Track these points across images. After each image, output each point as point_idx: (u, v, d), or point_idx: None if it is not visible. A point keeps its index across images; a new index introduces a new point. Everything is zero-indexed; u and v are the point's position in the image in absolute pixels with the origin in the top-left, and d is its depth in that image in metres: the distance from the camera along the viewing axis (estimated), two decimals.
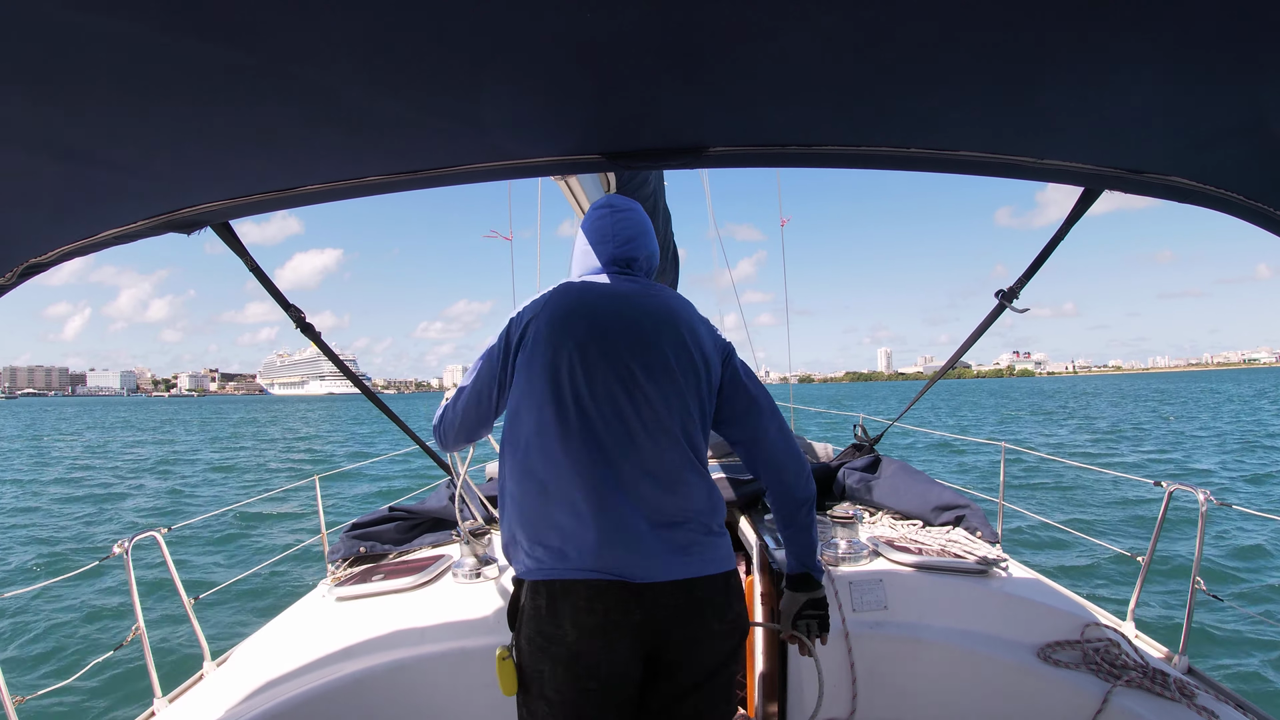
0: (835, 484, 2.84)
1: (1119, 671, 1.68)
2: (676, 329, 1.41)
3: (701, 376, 1.41)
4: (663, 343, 1.38)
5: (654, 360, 1.36)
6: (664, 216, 4.20)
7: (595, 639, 1.23)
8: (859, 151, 1.20)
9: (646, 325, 1.39)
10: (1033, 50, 0.80)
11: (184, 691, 1.94)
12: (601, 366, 1.33)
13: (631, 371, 1.33)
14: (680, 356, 1.39)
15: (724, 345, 1.51)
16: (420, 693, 1.81)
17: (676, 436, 1.34)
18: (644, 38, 0.79)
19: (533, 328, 1.39)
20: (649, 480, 1.30)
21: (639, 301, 1.43)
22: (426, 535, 2.56)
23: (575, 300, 1.41)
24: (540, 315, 1.40)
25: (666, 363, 1.36)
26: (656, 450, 1.32)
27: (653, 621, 1.26)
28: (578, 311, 1.39)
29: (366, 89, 0.89)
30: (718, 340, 1.50)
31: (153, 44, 0.72)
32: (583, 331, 1.35)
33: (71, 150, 0.96)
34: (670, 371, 1.36)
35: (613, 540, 1.25)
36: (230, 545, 9.06)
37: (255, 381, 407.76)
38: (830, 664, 1.86)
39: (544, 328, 1.37)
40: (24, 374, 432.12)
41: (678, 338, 1.40)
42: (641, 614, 1.25)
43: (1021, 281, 2.15)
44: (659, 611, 1.26)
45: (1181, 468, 14.63)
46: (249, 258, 1.88)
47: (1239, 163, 1.07)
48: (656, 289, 1.51)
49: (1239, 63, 0.79)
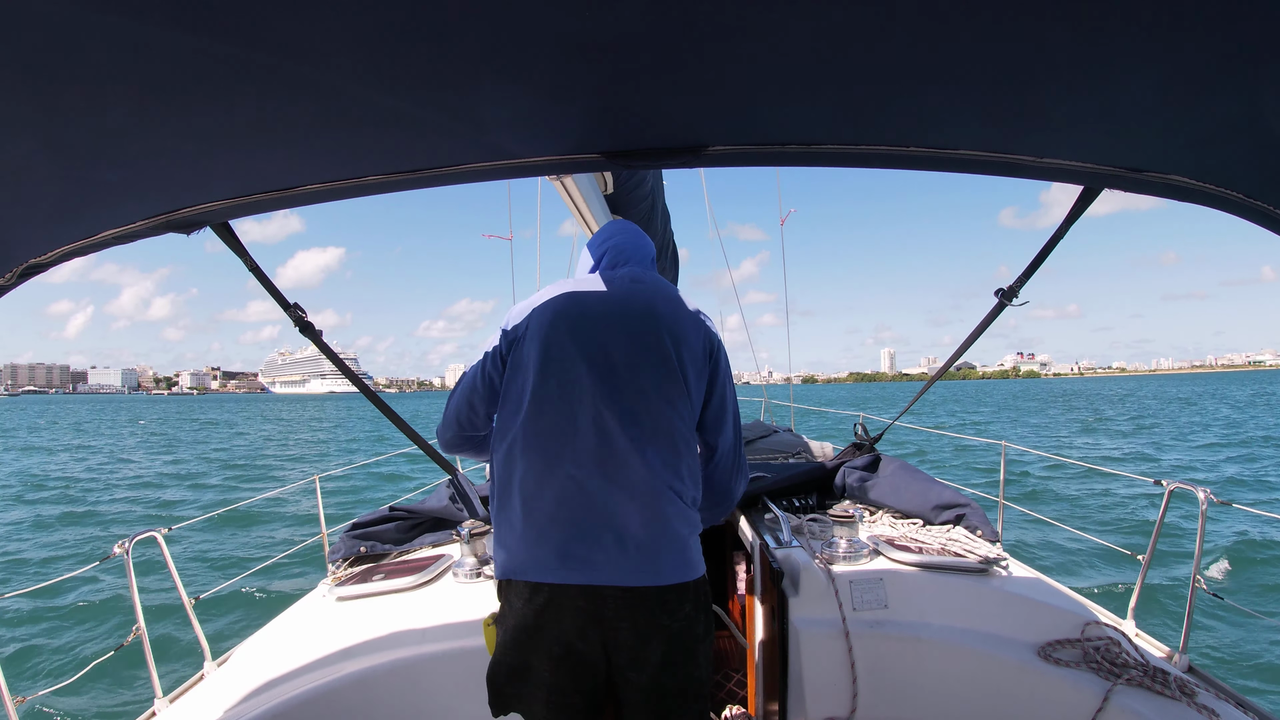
0: (835, 483, 2.84)
1: (1119, 670, 1.68)
2: (657, 328, 1.42)
3: (677, 374, 1.41)
4: (644, 342, 1.40)
5: (635, 360, 1.38)
6: (663, 216, 4.20)
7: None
8: (858, 150, 1.19)
9: (628, 326, 1.41)
10: (1032, 49, 0.80)
11: (184, 691, 1.94)
12: (581, 369, 1.36)
13: (612, 371, 1.36)
14: (660, 355, 1.40)
15: (712, 343, 1.50)
16: (421, 692, 1.81)
17: (657, 434, 1.35)
18: (643, 37, 0.79)
19: (523, 332, 1.44)
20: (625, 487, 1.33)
21: (624, 301, 1.45)
22: (427, 535, 2.56)
23: (561, 303, 1.44)
24: (528, 319, 1.44)
25: (648, 361, 1.38)
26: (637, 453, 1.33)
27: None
28: (562, 314, 1.42)
29: (366, 89, 0.89)
30: (707, 337, 1.49)
31: (152, 43, 0.72)
32: (565, 335, 1.39)
33: (71, 150, 0.96)
34: (648, 370, 1.38)
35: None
36: (231, 545, 9.07)
37: (257, 380, 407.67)
38: (830, 663, 1.86)
39: (531, 333, 1.42)
40: (25, 371, 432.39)
41: (656, 338, 1.41)
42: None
43: (1021, 280, 2.15)
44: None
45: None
46: (249, 258, 1.88)
47: (1238, 161, 1.07)
48: (647, 283, 1.51)
49: (1238, 61, 0.79)
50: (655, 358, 1.39)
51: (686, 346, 1.43)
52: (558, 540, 1.28)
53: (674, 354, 1.40)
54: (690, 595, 1.33)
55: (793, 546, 2.10)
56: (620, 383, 1.35)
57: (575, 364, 1.36)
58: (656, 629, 1.28)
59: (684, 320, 1.47)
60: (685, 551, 1.33)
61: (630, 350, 1.38)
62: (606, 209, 3.20)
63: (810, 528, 2.35)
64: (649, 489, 1.31)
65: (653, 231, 4.20)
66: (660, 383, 1.38)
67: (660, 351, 1.39)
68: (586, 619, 1.27)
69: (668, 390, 1.38)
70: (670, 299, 1.50)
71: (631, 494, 1.30)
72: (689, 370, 1.42)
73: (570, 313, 1.42)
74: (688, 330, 1.45)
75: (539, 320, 1.42)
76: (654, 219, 3.92)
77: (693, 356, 1.43)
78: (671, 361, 1.40)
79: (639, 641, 1.28)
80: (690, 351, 1.43)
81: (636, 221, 3.76)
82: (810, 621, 1.89)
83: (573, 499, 1.29)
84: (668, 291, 1.51)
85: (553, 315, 1.41)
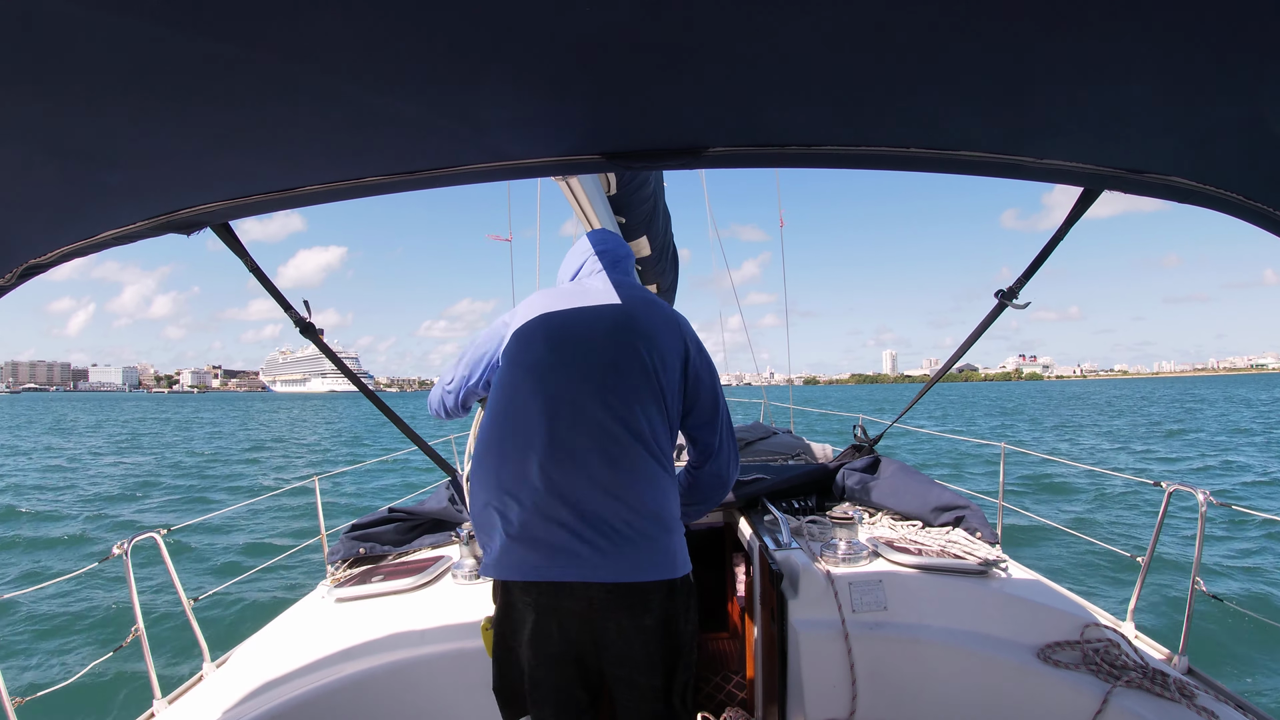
0: (835, 485, 2.84)
1: (1119, 672, 1.68)
2: (632, 335, 1.45)
3: (653, 378, 1.44)
4: (620, 348, 1.44)
5: (608, 366, 1.42)
6: (664, 217, 4.20)
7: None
8: (859, 152, 1.19)
9: (606, 334, 1.45)
10: (1032, 50, 0.80)
11: (184, 692, 1.94)
12: (556, 376, 1.41)
13: (589, 378, 1.40)
14: (636, 361, 1.43)
15: (688, 346, 1.53)
16: (420, 694, 1.80)
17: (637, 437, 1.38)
18: (644, 38, 0.79)
19: (509, 339, 1.52)
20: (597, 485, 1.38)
21: (600, 309, 1.50)
22: (426, 536, 2.56)
23: (542, 313, 1.51)
24: (515, 328, 1.51)
25: (620, 367, 1.42)
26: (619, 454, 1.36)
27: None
28: (542, 323, 1.49)
29: (368, 90, 0.89)
30: (683, 340, 1.53)
31: (153, 44, 0.72)
32: (540, 344, 1.46)
33: (71, 151, 0.96)
34: (623, 375, 1.41)
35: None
36: (231, 545, 9.06)
37: (258, 378, 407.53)
38: (830, 665, 1.86)
39: (515, 339, 1.50)
40: (25, 369, 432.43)
41: (631, 345, 1.44)
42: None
43: (1021, 281, 2.15)
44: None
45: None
46: (249, 258, 1.89)
47: (1238, 162, 1.07)
48: (625, 288, 1.56)
49: (1238, 62, 0.79)
50: (631, 363, 1.42)
51: (658, 350, 1.46)
52: (539, 540, 1.33)
53: (648, 359, 1.44)
54: (670, 592, 1.35)
55: (792, 548, 2.10)
56: (595, 388, 1.39)
57: (555, 370, 1.41)
58: (637, 627, 1.32)
59: (659, 325, 1.50)
60: (666, 550, 1.36)
61: (606, 356, 1.42)
62: (610, 210, 3.20)
63: (810, 529, 2.35)
64: (627, 489, 1.34)
65: (654, 233, 4.20)
66: (636, 387, 1.41)
67: (636, 358, 1.43)
68: (566, 615, 1.33)
69: (643, 395, 1.41)
70: (648, 303, 1.54)
71: (607, 493, 1.33)
72: (663, 375, 1.45)
73: (552, 321, 1.48)
74: (661, 334, 1.49)
75: (523, 329, 1.49)
76: (655, 220, 3.92)
77: (667, 360, 1.46)
78: (646, 366, 1.43)
79: (622, 638, 1.32)
80: (664, 355, 1.46)
81: (639, 222, 3.77)
82: (810, 623, 1.89)
83: (551, 500, 1.34)
84: (645, 297, 1.55)
85: (536, 324, 1.49)
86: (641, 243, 4.06)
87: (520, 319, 1.52)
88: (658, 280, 5.16)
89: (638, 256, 4.48)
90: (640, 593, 1.32)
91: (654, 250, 4.29)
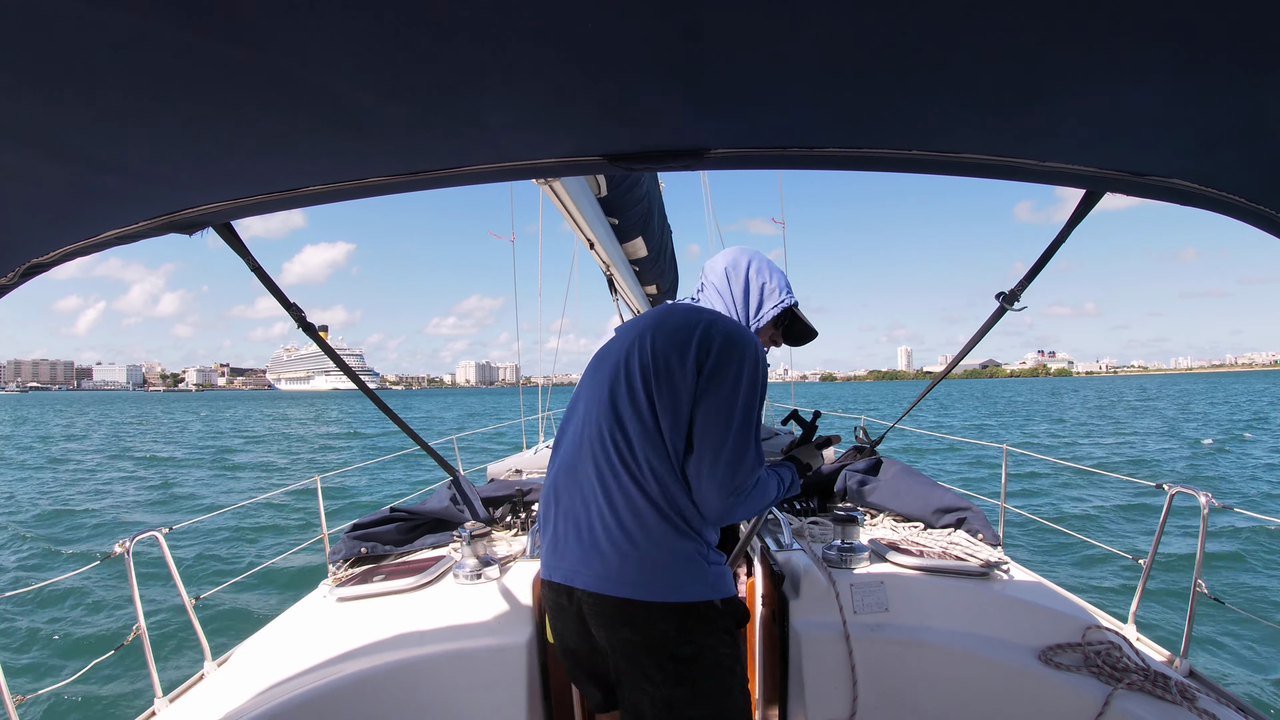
0: (836, 486, 2.84)
1: (1120, 674, 1.68)
2: (630, 359, 1.40)
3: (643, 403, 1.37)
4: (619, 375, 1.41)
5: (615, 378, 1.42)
6: (660, 219, 4.20)
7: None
8: (860, 154, 1.19)
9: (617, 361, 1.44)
10: (1034, 53, 0.80)
11: (184, 691, 1.94)
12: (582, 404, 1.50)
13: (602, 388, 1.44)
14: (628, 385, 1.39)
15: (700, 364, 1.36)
16: (421, 694, 1.81)
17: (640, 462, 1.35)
18: (646, 41, 0.79)
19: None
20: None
21: (620, 337, 1.51)
22: (427, 536, 2.57)
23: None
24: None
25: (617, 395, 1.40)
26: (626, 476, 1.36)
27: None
28: (593, 357, 1.59)
29: (369, 91, 0.89)
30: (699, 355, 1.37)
31: (155, 45, 0.72)
32: (587, 373, 1.56)
33: (74, 151, 0.96)
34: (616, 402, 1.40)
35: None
36: (231, 545, 9.07)
37: (264, 376, 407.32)
38: (831, 666, 1.86)
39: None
40: (29, 368, 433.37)
41: (628, 370, 1.40)
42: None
43: (1023, 284, 2.15)
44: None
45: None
46: (250, 258, 1.89)
47: (1240, 165, 1.07)
48: (651, 312, 1.55)
49: (1240, 65, 0.79)
50: (624, 390, 1.39)
51: (655, 373, 1.36)
52: (551, 541, 1.44)
53: (639, 384, 1.37)
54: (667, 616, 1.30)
55: (793, 549, 2.10)
56: (604, 415, 1.41)
57: (581, 399, 1.51)
58: (618, 639, 1.33)
59: (666, 344, 1.39)
60: (651, 570, 1.30)
61: (614, 385, 1.42)
62: (600, 212, 3.19)
63: (811, 530, 2.35)
64: (618, 505, 1.34)
65: (650, 235, 4.19)
66: (631, 414, 1.36)
67: (628, 382, 1.38)
68: (569, 616, 1.41)
69: (634, 423, 1.36)
70: (661, 323, 1.43)
71: (601, 505, 1.35)
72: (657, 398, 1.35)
73: (597, 354, 1.57)
74: (665, 354, 1.37)
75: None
76: (651, 221, 3.91)
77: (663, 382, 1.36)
78: (637, 392, 1.36)
79: (610, 647, 1.37)
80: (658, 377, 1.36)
81: (634, 223, 3.76)
82: (811, 624, 1.89)
83: (560, 505, 1.43)
84: (661, 316, 1.46)
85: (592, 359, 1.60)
86: (637, 244, 4.05)
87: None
88: (656, 281, 5.16)
89: (634, 259, 4.46)
90: (615, 607, 1.31)
91: (651, 251, 4.29)
